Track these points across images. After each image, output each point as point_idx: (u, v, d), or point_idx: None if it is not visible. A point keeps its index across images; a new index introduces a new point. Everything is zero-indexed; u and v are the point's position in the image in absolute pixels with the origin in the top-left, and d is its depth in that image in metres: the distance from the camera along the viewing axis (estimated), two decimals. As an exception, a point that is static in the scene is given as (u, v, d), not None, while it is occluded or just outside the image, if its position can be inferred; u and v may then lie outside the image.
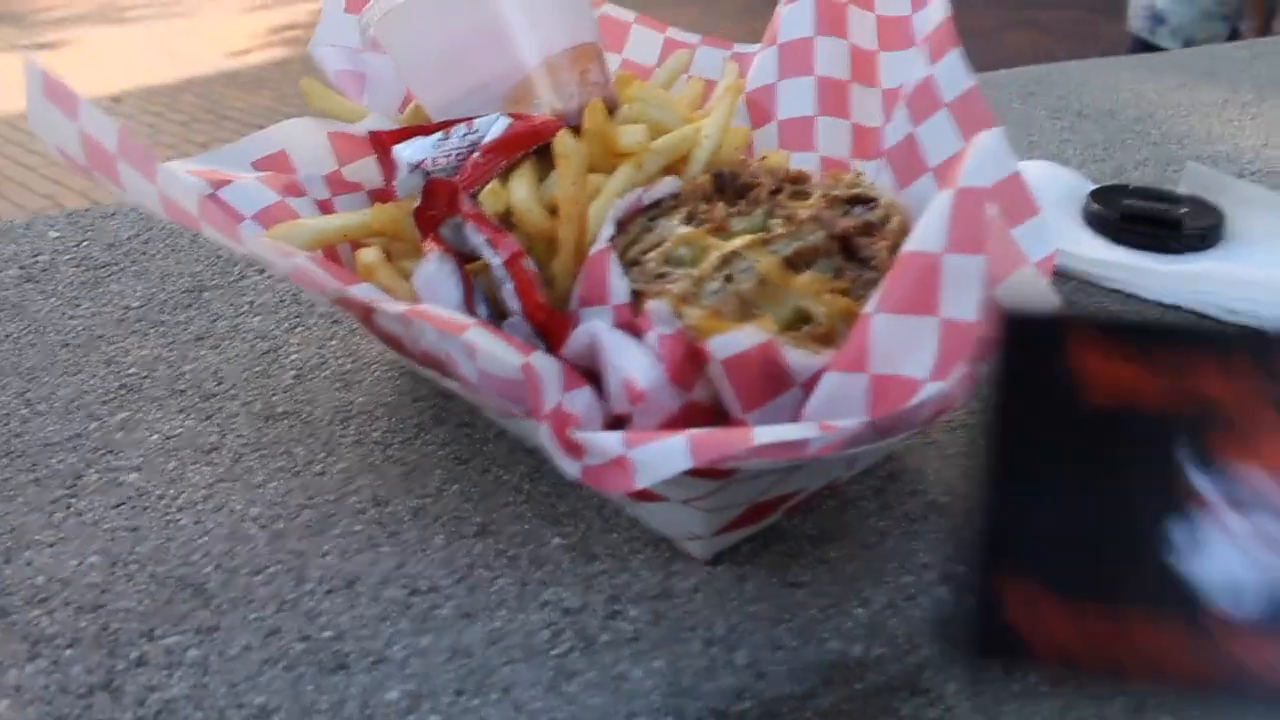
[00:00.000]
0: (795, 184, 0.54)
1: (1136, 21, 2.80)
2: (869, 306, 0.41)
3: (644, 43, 0.73)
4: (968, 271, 0.39)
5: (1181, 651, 0.22)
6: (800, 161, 0.64)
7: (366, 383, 0.63)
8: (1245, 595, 0.22)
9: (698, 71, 0.72)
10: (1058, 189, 0.91)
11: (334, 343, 0.67)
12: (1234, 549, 0.22)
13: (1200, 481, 0.22)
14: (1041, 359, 0.24)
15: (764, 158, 0.57)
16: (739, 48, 0.72)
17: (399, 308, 0.42)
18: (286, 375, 0.65)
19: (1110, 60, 1.45)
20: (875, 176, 0.61)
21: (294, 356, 0.66)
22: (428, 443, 0.58)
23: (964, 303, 0.39)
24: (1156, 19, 2.74)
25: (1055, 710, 0.58)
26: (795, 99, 0.65)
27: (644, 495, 0.45)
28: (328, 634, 0.47)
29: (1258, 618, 0.22)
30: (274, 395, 0.63)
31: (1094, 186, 0.91)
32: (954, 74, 0.57)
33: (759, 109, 0.66)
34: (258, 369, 0.65)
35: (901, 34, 0.65)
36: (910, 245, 0.40)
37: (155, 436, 0.59)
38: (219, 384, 0.64)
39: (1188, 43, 2.61)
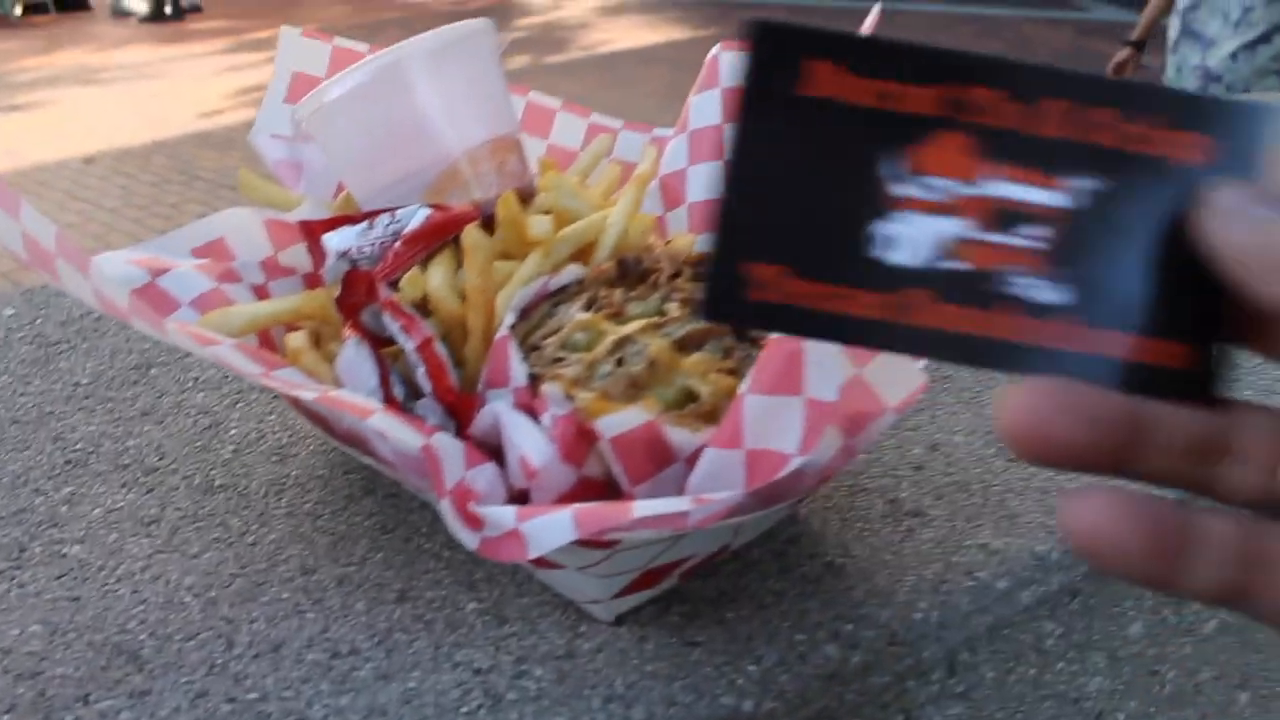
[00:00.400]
0: (696, 266, 0.59)
1: (1187, 81, 2.72)
2: (742, 387, 0.45)
3: (568, 128, 0.77)
4: (826, 354, 0.43)
5: (883, 316, 0.28)
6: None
7: (301, 456, 0.67)
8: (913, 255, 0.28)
9: (620, 154, 0.77)
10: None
11: (272, 417, 0.71)
12: (917, 233, 0.28)
13: (900, 186, 0.28)
14: (779, 64, 0.28)
15: (669, 242, 0.62)
16: (658, 132, 0.77)
17: (311, 394, 0.46)
18: (226, 449, 0.68)
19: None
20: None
21: (234, 431, 0.70)
22: (355, 513, 0.62)
23: (825, 384, 0.44)
24: (1210, 77, 2.67)
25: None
26: (705, 183, 0.69)
27: (544, 563, 0.49)
28: (253, 695, 0.50)
29: (923, 270, 0.28)
30: (213, 469, 0.66)
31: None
32: None
33: (671, 193, 0.70)
34: (199, 443, 0.69)
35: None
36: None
37: (98, 510, 0.63)
38: (161, 458, 0.67)
39: None
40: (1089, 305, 0.29)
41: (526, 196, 0.63)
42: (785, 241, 0.28)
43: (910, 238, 0.28)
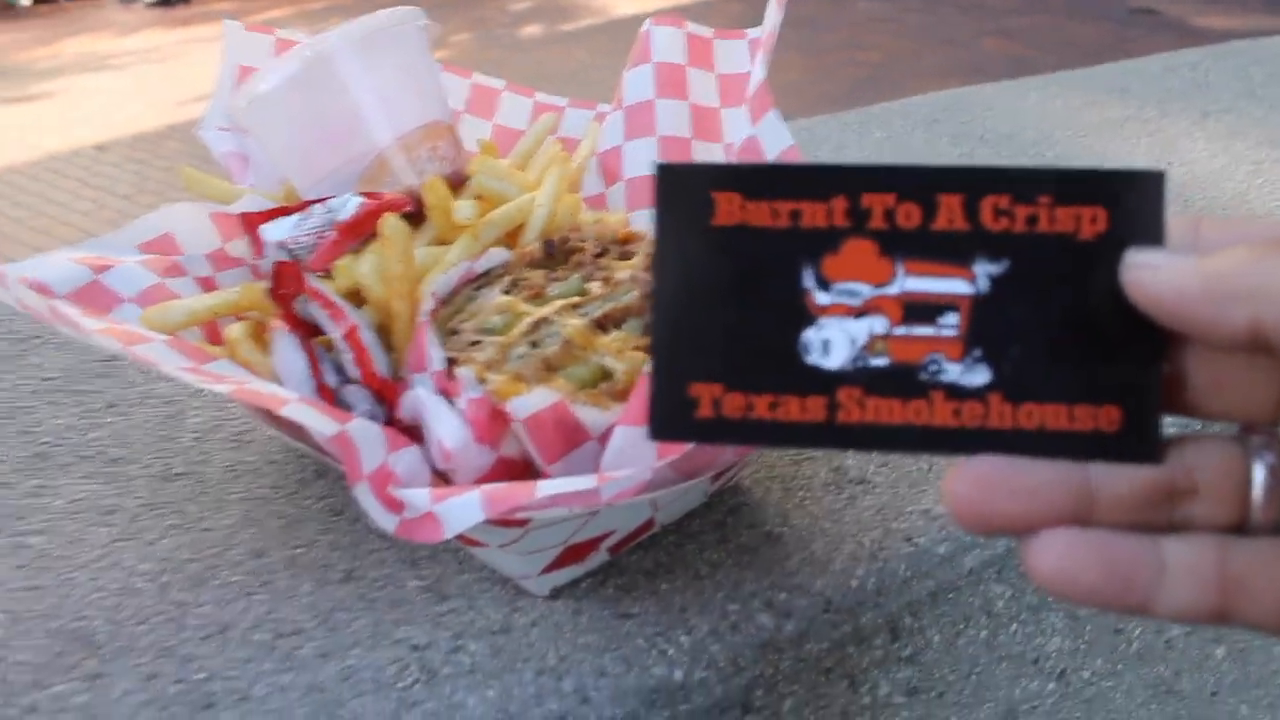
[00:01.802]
0: (624, 244, 0.60)
1: None
2: (648, 366, 0.46)
3: (514, 108, 0.78)
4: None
5: (821, 419, 0.31)
6: (647, 216, 0.69)
7: (258, 442, 0.69)
8: (839, 357, 0.31)
9: (566, 132, 0.78)
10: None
11: (232, 406, 0.72)
12: (841, 336, 0.31)
13: (820, 295, 0.31)
14: (689, 200, 0.31)
15: (598, 220, 0.62)
16: (602, 108, 0.77)
17: (225, 388, 0.47)
18: (186, 438, 0.70)
19: (1022, 82, 1.50)
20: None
21: (194, 419, 0.72)
22: (307, 497, 0.63)
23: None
24: None
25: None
26: (639, 158, 0.70)
27: (470, 542, 0.50)
28: (200, 676, 0.52)
29: (850, 370, 0.30)
30: (173, 457, 0.68)
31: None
32: (774, 133, 0.62)
33: (608, 169, 0.71)
34: (160, 433, 0.70)
35: (742, 90, 0.70)
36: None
37: (60, 501, 0.64)
38: (124, 449, 0.69)
39: None
40: (1012, 383, 0.31)
41: (461, 181, 0.64)
42: (721, 360, 0.31)
43: (836, 341, 0.31)
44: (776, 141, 0.62)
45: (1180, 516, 0.31)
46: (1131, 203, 0.30)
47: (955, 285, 0.30)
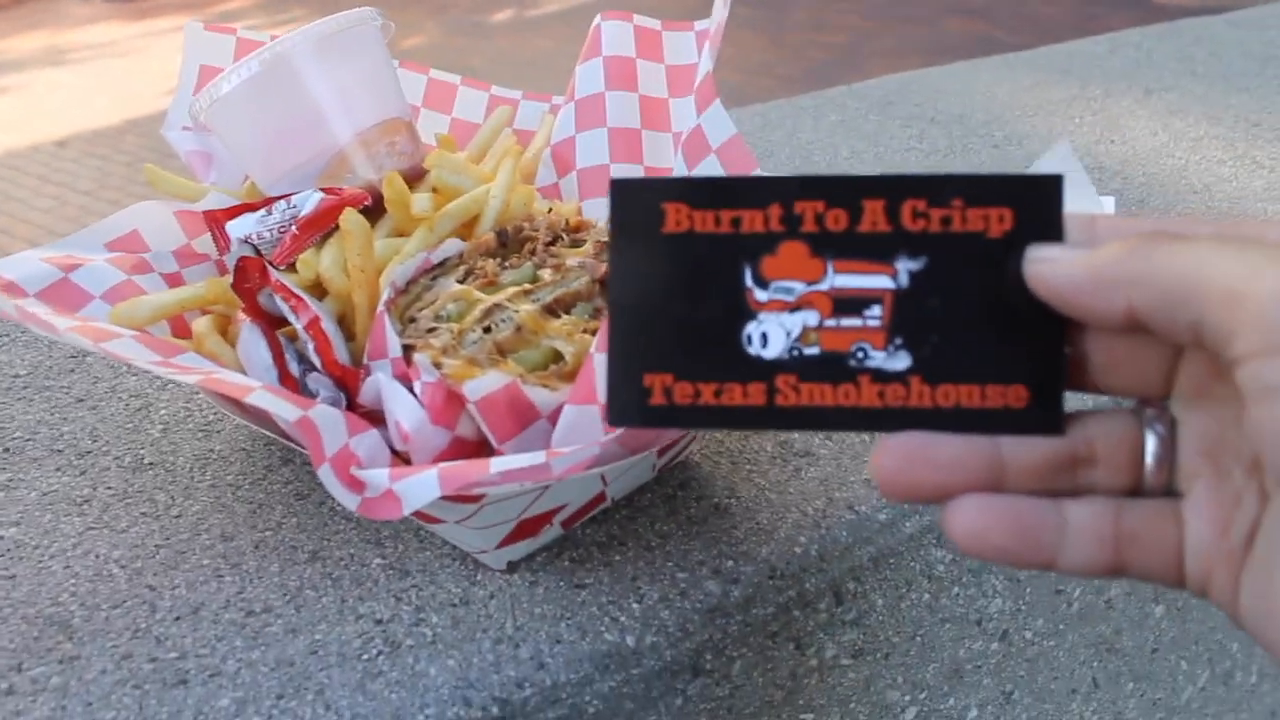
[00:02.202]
0: (575, 232, 0.62)
1: None
2: (593, 347, 0.49)
3: (470, 102, 0.80)
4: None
5: (761, 403, 0.35)
6: (599, 205, 0.72)
7: (226, 431, 0.71)
8: (776, 348, 0.34)
9: (521, 124, 0.80)
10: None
11: (199, 397, 0.75)
12: (777, 329, 0.34)
13: (759, 293, 0.34)
14: (642, 211, 0.35)
15: (551, 209, 0.65)
16: (556, 100, 0.80)
17: (193, 378, 0.50)
18: (155, 429, 0.72)
19: (974, 63, 1.54)
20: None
21: (163, 411, 0.74)
22: (273, 482, 0.66)
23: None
24: None
25: (860, 680, 0.66)
26: (591, 149, 0.72)
27: (428, 519, 0.53)
28: (173, 655, 0.54)
29: (786, 359, 0.34)
30: (143, 448, 0.70)
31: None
32: (717, 123, 0.65)
33: (562, 160, 0.74)
34: (130, 425, 0.72)
35: (690, 81, 0.73)
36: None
37: (34, 494, 0.66)
38: (94, 441, 0.71)
39: None
40: (931, 366, 0.34)
41: (419, 175, 0.66)
42: (672, 353, 0.35)
43: (773, 334, 0.34)
44: (720, 131, 0.64)
45: (1082, 482, 0.35)
46: (1034, 203, 0.34)
47: (879, 281, 0.34)
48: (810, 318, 0.34)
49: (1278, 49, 1.55)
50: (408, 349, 0.53)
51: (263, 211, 0.63)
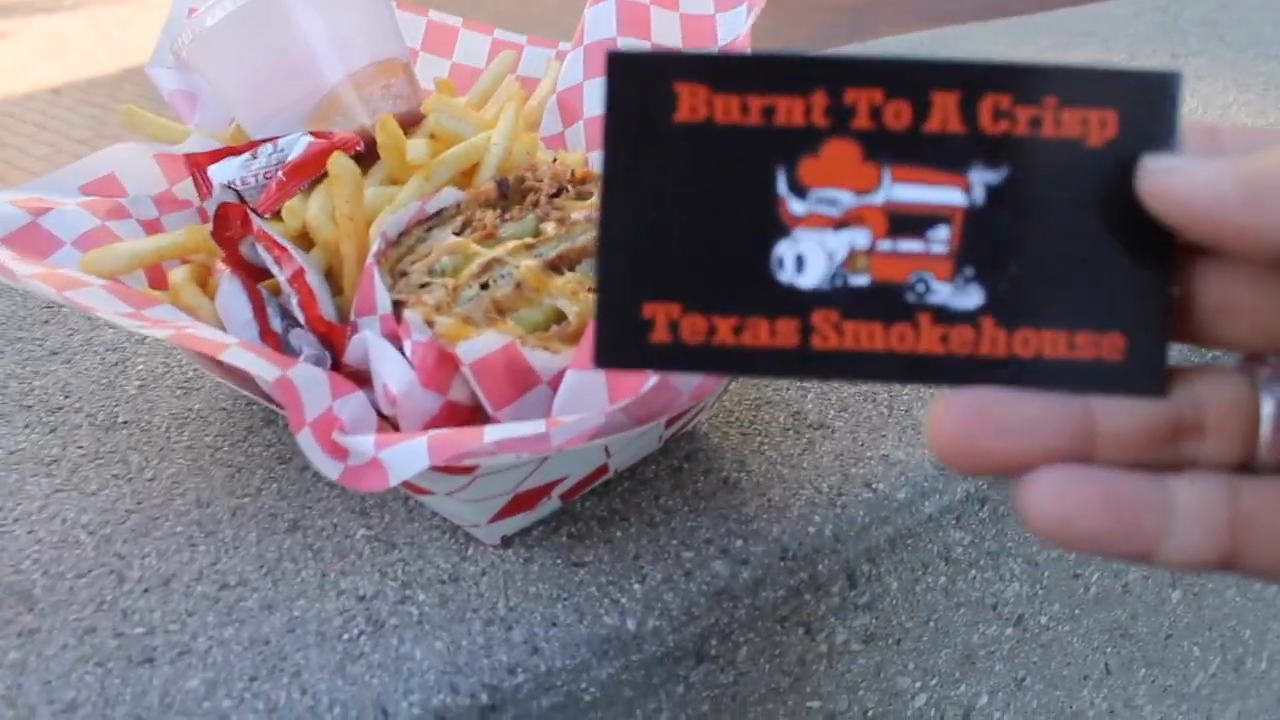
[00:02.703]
0: (581, 184, 0.58)
1: None
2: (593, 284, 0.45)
3: (472, 46, 0.76)
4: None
5: (793, 344, 0.28)
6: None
7: (205, 389, 0.67)
8: (815, 274, 0.28)
9: (526, 71, 0.76)
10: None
11: (178, 352, 0.71)
12: (817, 250, 0.27)
13: (795, 204, 0.27)
14: (647, 92, 0.28)
15: (555, 159, 0.61)
16: (563, 46, 0.75)
17: (165, 332, 0.46)
18: (131, 385, 0.68)
19: (991, 24, 1.49)
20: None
21: (140, 367, 0.70)
22: (254, 444, 0.62)
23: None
24: None
25: (871, 667, 0.63)
26: (600, 97, 0.68)
27: (416, 489, 0.49)
28: (140, 630, 0.50)
29: (827, 289, 0.27)
30: (117, 406, 0.66)
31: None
32: (733, 23, 0.60)
33: (568, 109, 0.69)
34: (105, 380, 0.68)
35: (705, 32, 0.68)
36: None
37: (0, 452, 0.63)
38: (66, 397, 0.67)
39: None
40: (1007, 306, 0.28)
41: (416, 120, 0.62)
42: (681, 276, 0.28)
43: (811, 256, 0.27)
44: (730, 30, 0.60)
45: (1185, 455, 0.28)
46: (1144, 106, 0.27)
47: (948, 195, 0.27)
48: (859, 238, 0.27)
49: (1305, 16, 1.51)
50: (398, 305, 0.49)
51: (247, 155, 0.59)
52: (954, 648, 0.67)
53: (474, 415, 0.48)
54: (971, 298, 0.28)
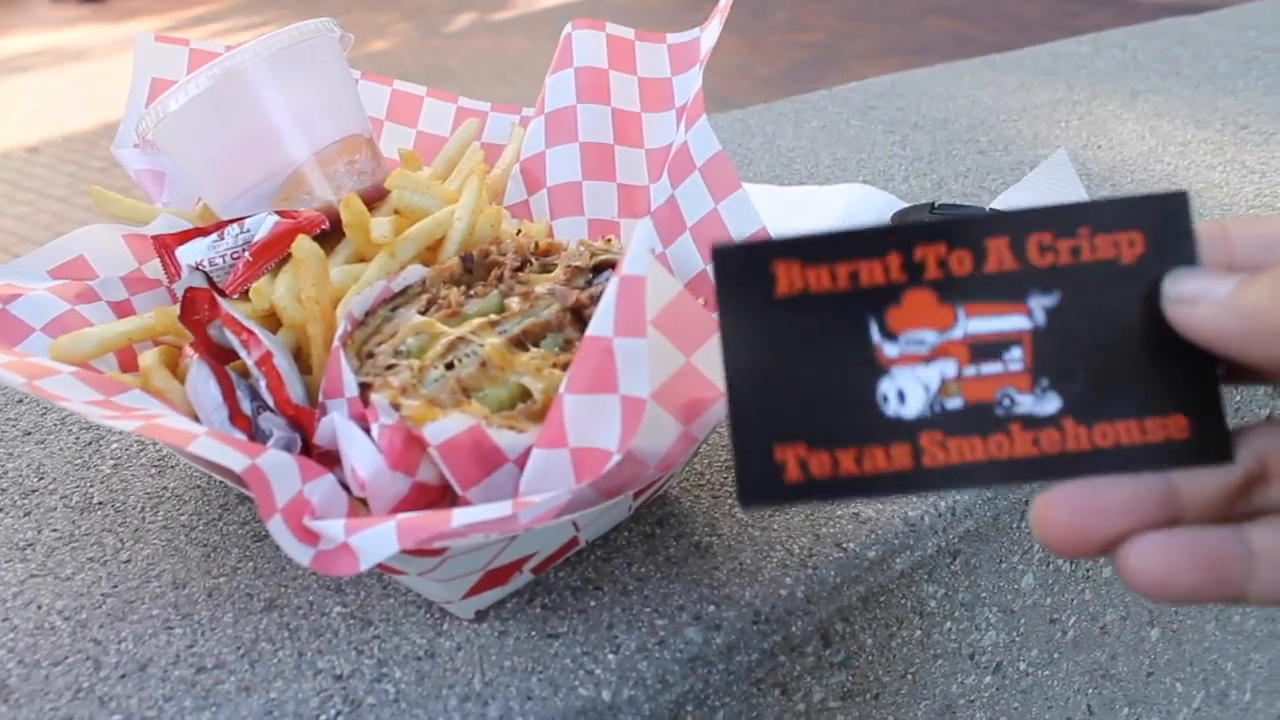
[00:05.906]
0: (544, 256, 0.59)
1: None
2: (562, 387, 0.46)
3: (436, 114, 0.77)
4: (635, 352, 0.43)
5: (908, 466, 0.32)
6: (571, 225, 0.68)
7: (180, 467, 0.67)
8: (916, 404, 0.32)
9: (490, 137, 0.77)
10: (868, 212, 0.96)
11: (152, 428, 0.71)
12: (914, 383, 0.32)
13: (889, 348, 0.32)
14: (750, 276, 0.33)
15: (520, 230, 0.62)
16: (527, 112, 0.76)
17: (132, 424, 0.46)
18: (105, 465, 0.68)
19: (955, 65, 1.51)
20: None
21: (114, 445, 0.70)
22: (229, 523, 0.62)
23: (635, 381, 0.44)
24: None
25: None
26: (562, 165, 0.69)
27: (389, 569, 0.49)
28: (117, 717, 0.50)
29: (929, 415, 0.32)
30: (92, 486, 0.66)
31: (902, 206, 0.96)
32: (703, 140, 0.61)
33: (532, 177, 0.70)
34: (79, 460, 0.69)
35: (663, 95, 0.70)
36: (590, 330, 0.44)
37: (-26, 537, 0.63)
38: (40, 479, 0.67)
39: None
40: (1083, 406, 0.32)
41: (381, 195, 0.63)
42: (803, 421, 0.32)
43: (910, 389, 0.32)
44: (704, 148, 0.61)
45: (1259, 504, 0.33)
46: (1163, 223, 0.32)
47: (1015, 322, 0.32)
48: (948, 368, 0.32)
49: (1259, 49, 1.53)
50: (365, 387, 0.49)
51: (215, 236, 0.60)
52: (933, 699, 0.67)
53: (442, 495, 0.49)
54: (1051, 404, 0.32)
